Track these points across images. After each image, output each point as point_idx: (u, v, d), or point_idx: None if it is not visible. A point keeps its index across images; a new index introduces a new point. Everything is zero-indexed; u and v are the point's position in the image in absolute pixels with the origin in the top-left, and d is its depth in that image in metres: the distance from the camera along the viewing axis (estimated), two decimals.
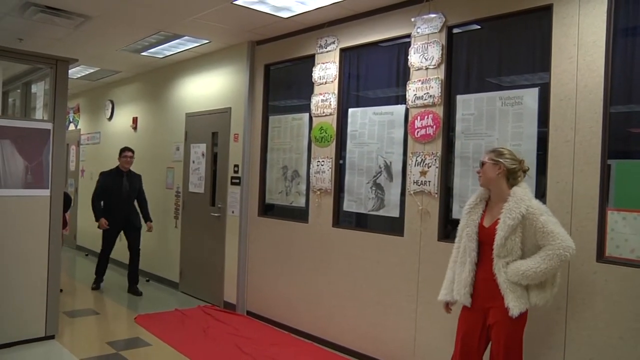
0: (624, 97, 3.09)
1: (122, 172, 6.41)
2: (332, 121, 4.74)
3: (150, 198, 6.92)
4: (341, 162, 4.70)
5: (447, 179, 3.90)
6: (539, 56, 3.45)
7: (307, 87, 5.05)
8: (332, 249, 4.69)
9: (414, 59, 4.06)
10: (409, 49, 4.11)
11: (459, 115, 3.80)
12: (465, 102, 3.77)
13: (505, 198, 2.86)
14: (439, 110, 3.90)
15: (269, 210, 5.57)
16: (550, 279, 2.80)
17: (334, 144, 4.72)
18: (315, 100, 4.90)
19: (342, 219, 4.70)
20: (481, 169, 2.97)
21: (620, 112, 3.10)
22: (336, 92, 4.73)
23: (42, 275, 4.48)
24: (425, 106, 3.98)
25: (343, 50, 4.72)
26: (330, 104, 4.76)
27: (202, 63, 6.42)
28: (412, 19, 4.07)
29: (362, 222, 4.61)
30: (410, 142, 4.09)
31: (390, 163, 4.27)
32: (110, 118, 8.67)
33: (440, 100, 3.89)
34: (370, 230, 4.44)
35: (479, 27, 3.84)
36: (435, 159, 3.90)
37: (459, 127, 3.80)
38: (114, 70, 7.69)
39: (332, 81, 4.77)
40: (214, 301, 6.02)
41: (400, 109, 4.21)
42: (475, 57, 3.86)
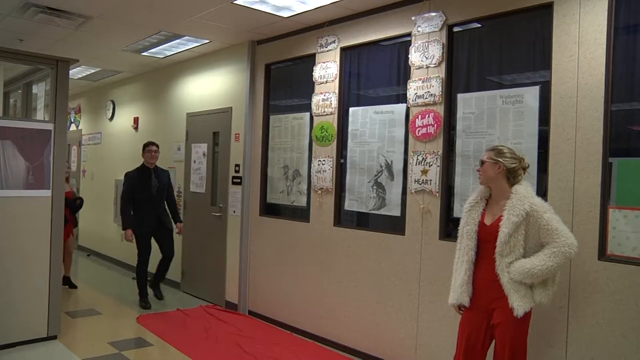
0: (625, 94, 3.08)
1: (149, 169, 5.83)
2: (333, 120, 4.74)
3: None
4: (342, 161, 4.70)
5: (448, 178, 3.89)
6: (540, 54, 3.45)
7: (307, 87, 5.05)
8: (333, 248, 4.69)
9: (415, 57, 4.06)
10: (410, 47, 4.10)
11: (459, 113, 3.80)
12: (466, 101, 3.77)
13: (507, 196, 2.84)
14: (440, 109, 3.90)
15: (271, 210, 5.58)
16: (552, 277, 2.80)
17: (334, 143, 4.72)
18: (316, 99, 4.90)
19: (344, 218, 4.70)
20: (481, 168, 2.95)
21: (622, 110, 3.09)
22: (337, 91, 4.73)
23: (43, 276, 4.49)
24: (426, 105, 3.98)
25: (343, 50, 4.72)
26: (331, 103, 4.75)
27: (202, 63, 6.42)
28: (413, 18, 4.07)
29: (363, 221, 4.61)
30: (411, 141, 4.09)
31: (391, 162, 4.26)
32: (111, 118, 8.67)
33: (441, 99, 3.89)
34: (371, 230, 4.44)
35: (480, 25, 3.83)
36: (436, 158, 3.89)
37: (459, 126, 3.80)
38: (114, 70, 7.69)
39: (332, 80, 4.76)
40: (216, 301, 6.02)
41: (401, 107, 4.21)
42: (475, 55, 3.86)
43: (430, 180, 3.92)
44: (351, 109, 4.63)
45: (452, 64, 3.91)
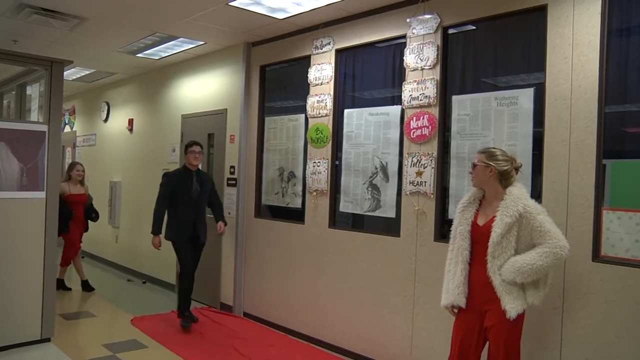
0: (618, 96, 3.10)
1: (191, 172, 5.19)
2: (328, 122, 4.74)
3: (147, 200, 6.89)
4: (337, 163, 4.70)
5: (443, 180, 3.90)
6: (534, 56, 3.46)
7: (302, 88, 5.05)
8: (328, 250, 4.69)
9: (410, 59, 4.07)
10: (405, 49, 4.11)
11: (454, 115, 3.81)
12: (460, 103, 3.78)
13: (500, 197, 2.85)
14: (435, 111, 3.91)
15: (266, 211, 5.57)
16: (543, 278, 2.80)
17: (329, 145, 4.72)
18: (311, 101, 4.90)
19: (339, 219, 4.70)
20: (473, 171, 2.94)
21: (615, 112, 3.11)
22: (332, 93, 4.73)
23: (37, 278, 4.46)
24: (420, 107, 3.99)
25: (338, 51, 4.72)
26: (326, 105, 4.76)
27: (198, 64, 6.41)
28: (408, 20, 4.08)
29: (358, 222, 4.61)
30: (406, 143, 4.09)
31: (386, 164, 4.27)
32: (106, 120, 8.65)
33: (435, 100, 3.89)
34: (366, 231, 4.44)
35: (474, 27, 3.85)
36: (431, 160, 3.90)
37: (454, 128, 3.80)
38: (109, 71, 7.67)
39: (327, 82, 4.77)
40: (211, 303, 6.01)
41: (396, 109, 4.22)
42: (470, 57, 3.87)
43: (425, 182, 3.92)
44: (346, 111, 4.63)
45: (446, 66, 3.92)
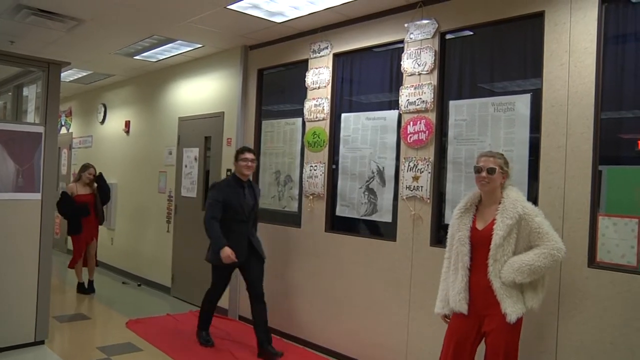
0: (614, 103, 3.11)
1: (242, 183, 4.55)
2: (325, 126, 4.74)
3: (143, 202, 6.90)
4: (334, 167, 4.70)
5: (439, 185, 3.90)
6: (531, 62, 3.47)
7: (300, 92, 5.05)
8: (324, 254, 4.69)
9: (407, 64, 4.07)
10: (402, 54, 4.12)
11: (451, 120, 3.81)
12: (457, 108, 3.78)
13: (498, 200, 2.86)
14: (432, 116, 3.91)
15: (262, 215, 5.55)
16: (541, 281, 2.81)
17: (326, 149, 4.72)
18: (308, 105, 4.91)
19: (335, 224, 4.70)
20: (488, 176, 2.87)
21: (611, 118, 3.12)
22: (329, 97, 4.74)
23: (32, 280, 4.44)
24: (417, 111, 3.99)
25: (336, 56, 4.73)
26: (323, 109, 4.76)
27: (195, 67, 6.41)
28: (405, 25, 4.09)
29: (354, 227, 4.60)
30: (402, 148, 4.10)
31: (383, 168, 4.27)
32: (102, 122, 8.64)
33: (432, 105, 3.90)
34: (362, 235, 4.44)
35: (472, 33, 3.86)
36: (427, 164, 3.91)
37: (451, 133, 3.81)
38: (106, 73, 7.66)
39: (325, 86, 4.77)
40: None
41: (393, 114, 4.22)
42: (467, 63, 3.88)
43: (422, 187, 3.93)
44: (343, 115, 4.63)
45: (444, 71, 3.93)
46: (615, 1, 3.09)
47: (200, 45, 5.76)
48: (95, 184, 6.57)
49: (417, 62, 4.01)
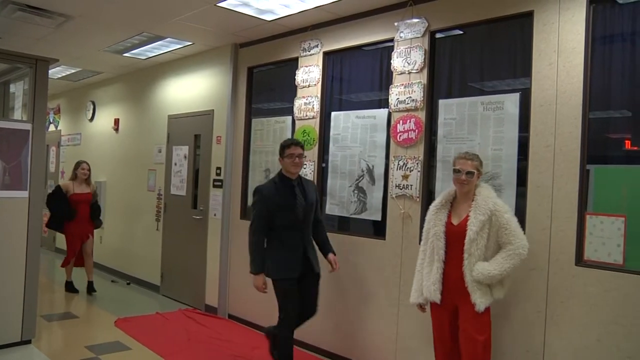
0: (602, 103, 3.14)
1: (291, 182, 3.87)
2: (315, 124, 4.74)
3: (132, 200, 6.86)
4: (324, 165, 4.70)
5: (428, 183, 3.92)
6: (520, 62, 3.49)
7: (290, 90, 5.04)
8: None
9: (397, 63, 4.08)
10: (392, 53, 4.13)
11: (441, 119, 3.83)
12: (447, 107, 3.80)
13: (471, 197, 3.07)
14: (421, 115, 3.92)
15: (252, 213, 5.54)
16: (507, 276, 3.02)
17: (316, 148, 4.72)
18: (298, 103, 4.90)
19: (325, 222, 4.69)
20: (467, 178, 3.06)
21: (599, 118, 3.14)
22: (319, 95, 4.73)
23: (19, 279, 4.40)
24: (407, 110, 4.00)
25: (326, 54, 4.72)
26: (313, 107, 4.76)
27: (185, 65, 6.38)
28: (395, 24, 4.10)
29: (344, 225, 4.61)
30: (392, 146, 4.10)
31: (373, 167, 4.28)
32: (91, 119, 8.57)
33: (422, 104, 3.91)
34: (352, 234, 4.45)
35: (462, 32, 3.87)
36: (417, 163, 3.92)
37: (440, 132, 3.82)
38: (95, 71, 7.60)
39: (315, 84, 4.77)
40: (196, 304, 5.97)
41: (382, 112, 4.23)
42: (457, 62, 3.89)
43: (411, 186, 3.94)
44: (333, 114, 4.63)
45: (434, 70, 3.94)
46: (603, 2, 3.11)
47: (190, 43, 5.74)
48: (92, 182, 6.51)
49: (407, 60, 4.01)
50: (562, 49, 3.19)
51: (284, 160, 3.85)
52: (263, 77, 5.61)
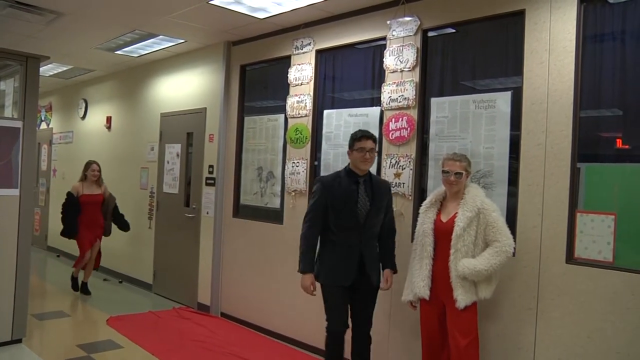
0: (593, 101, 3.15)
1: (357, 178, 3.46)
2: (308, 122, 4.74)
3: (125, 199, 6.83)
4: (316, 163, 4.70)
5: (421, 181, 3.92)
6: (512, 60, 3.50)
7: (282, 88, 5.03)
8: None
9: (389, 61, 4.08)
10: (385, 51, 4.13)
11: (433, 117, 3.83)
12: (439, 105, 3.80)
13: (460, 196, 3.15)
14: (414, 113, 3.93)
15: (244, 211, 5.54)
16: (495, 274, 3.05)
17: (309, 145, 4.72)
18: (291, 101, 4.89)
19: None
20: (456, 179, 3.12)
21: (590, 117, 3.16)
22: (312, 93, 4.73)
23: (9, 277, 4.37)
24: (399, 108, 4.01)
25: (319, 52, 4.72)
26: (306, 105, 4.75)
27: (177, 63, 6.36)
28: (388, 22, 4.10)
29: None
30: (384, 144, 4.11)
31: None
32: (83, 117, 8.53)
33: (414, 102, 3.92)
34: None
35: (454, 30, 3.88)
36: (409, 161, 3.92)
37: (433, 130, 3.83)
38: (87, 68, 7.57)
39: (307, 82, 4.77)
40: (188, 303, 5.96)
41: (375, 111, 4.23)
42: (449, 60, 3.90)
43: (404, 184, 3.94)
44: (326, 112, 4.63)
45: (426, 68, 3.94)
46: (594, 1, 3.13)
47: (182, 41, 5.72)
48: (104, 184, 6.36)
49: (399, 59, 4.01)
50: (553, 47, 3.21)
51: (353, 153, 3.43)
52: (256, 75, 5.60)
